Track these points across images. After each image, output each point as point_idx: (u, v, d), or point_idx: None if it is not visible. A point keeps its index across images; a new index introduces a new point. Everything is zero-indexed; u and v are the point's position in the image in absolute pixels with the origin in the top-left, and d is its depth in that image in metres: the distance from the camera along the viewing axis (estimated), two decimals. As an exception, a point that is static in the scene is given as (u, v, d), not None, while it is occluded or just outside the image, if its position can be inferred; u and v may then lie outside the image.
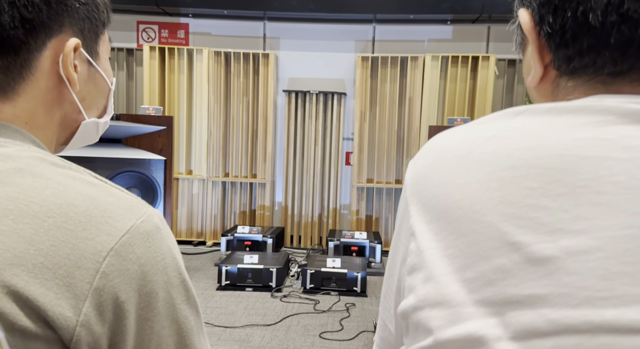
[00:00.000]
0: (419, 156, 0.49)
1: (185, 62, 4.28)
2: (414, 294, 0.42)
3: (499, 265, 0.37)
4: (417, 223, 0.43)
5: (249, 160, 4.40)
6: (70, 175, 0.45)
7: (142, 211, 0.46)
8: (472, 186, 0.40)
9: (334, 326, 2.66)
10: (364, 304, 3.01)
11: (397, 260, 0.47)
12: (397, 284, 0.48)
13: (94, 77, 0.56)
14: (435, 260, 0.40)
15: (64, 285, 0.40)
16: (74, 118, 0.55)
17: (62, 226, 0.41)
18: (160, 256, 0.45)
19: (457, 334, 0.38)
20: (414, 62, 4.21)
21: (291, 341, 2.47)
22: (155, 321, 0.45)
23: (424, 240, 0.42)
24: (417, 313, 0.41)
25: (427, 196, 0.43)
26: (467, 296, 0.38)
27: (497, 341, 0.36)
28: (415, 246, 0.42)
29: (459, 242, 0.39)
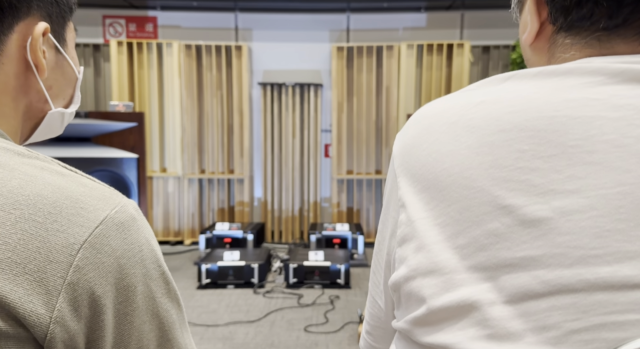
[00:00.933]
0: (406, 127, 0.48)
1: (155, 56, 4.15)
2: (405, 264, 0.41)
3: (491, 229, 0.37)
4: (406, 194, 0.43)
5: (225, 156, 4.30)
6: (37, 165, 0.43)
7: (115, 201, 0.44)
8: (462, 152, 0.40)
9: (319, 319, 2.61)
10: (348, 296, 2.97)
11: (386, 234, 0.47)
12: (386, 258, 0.47)
13: (61, 64, 0.54)
14: (426, 229, 0.40)
15: (35, 281, 0.38)
16: (39, 108, 0.53)
17: (31, 218, 0.39)
18: (137, 248, 0.44)
19: (451, 301, 0.37)
20: (389, 51, 4.18)
21: (276, 336, 2.41)
22: (135, 316, 0.44)
23: (414, 211, 0.41)
24: (409, 283, 0.40)
25: (416, 166, 0.43)
26: (459, 262, 0.38)
27: (491, 305, 0.36)
28: (405, 217, 0.42)
29: (450, 210, 0.39)
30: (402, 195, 0.43)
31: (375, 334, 0.54)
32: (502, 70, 4.28)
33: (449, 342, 0.37)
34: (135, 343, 0.45)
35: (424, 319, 0.39)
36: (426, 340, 0.39)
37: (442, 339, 0.38)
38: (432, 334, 0.39)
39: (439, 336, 0.38)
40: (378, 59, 4.23)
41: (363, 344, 0.56)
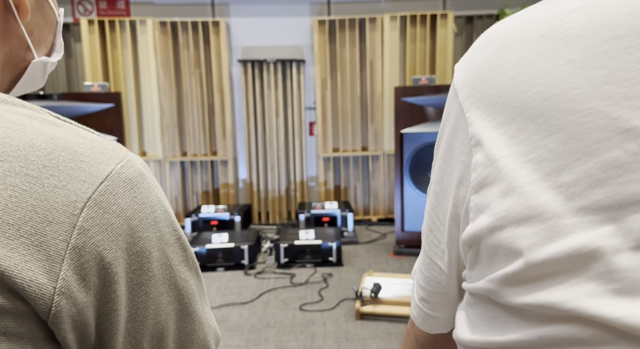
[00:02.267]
0: (474, 50, 0.40)
1: (128, 35, 3.96)
2: (487, 213, 0.35)
3: (610, 159, 0.30)
4: (482, 129, 0.36)
5: (207, 137, 4.18)
6: (24, 113, 0.37)
7: (120, 154, 0.38)
8: (561, 69, 0.33)
9: (314, 298, 2.57)
10: (341, 273, 2.94)
11: (451, 182, 0.40)
12: (452, 210, 0.40)
13: (42, 6, 0.47)
14: (515, 168, 0.33)
15: (33, 245, 0.32)
16: (20, 56, 0.46)
17: (22, 172, 0.33)
18: (149, 208, 0.38)
19: (558, 252, 0.31)
20: (372, 23, 4.08)
21: (271, 316, 2.36)
22: (151, 286, 0.38)
23: (495, 148, 0.35)
24: (495, 234, 0.34)
25: (495, 95, 0.36)
26: (564, 204, 0.31)
27: (616, 254, 0.29)
28: (483, 157, 0.35)
29: (548, 141, 0.32)
30: (475, 131, 0.36)
31: (433, 301, 0.46)
32: (486, 41, 4.23)
33: (556, 301, 0.30)
34: (153, 318, 0.39)
35: (518, 277, 0.32)
36: (521, 301, 0.32)
37: (547, 298, 0.31)
38: (530, 294, 0.32)
39: (541, 295, 0.31)
40: (361, 32, 4.12)
41: (417, 313, 0.49)
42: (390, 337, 2.11)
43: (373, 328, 2.19)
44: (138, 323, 0.38)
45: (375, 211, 4.34)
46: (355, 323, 2.25)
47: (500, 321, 0.35)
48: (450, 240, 0.41)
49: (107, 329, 0.37)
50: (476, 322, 0.38)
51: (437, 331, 0.49)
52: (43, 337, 0.33)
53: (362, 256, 3.30)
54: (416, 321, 0.49)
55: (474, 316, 0.38)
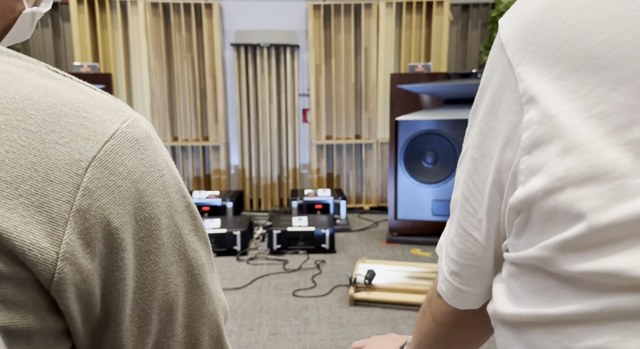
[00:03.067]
0: (522, 1, 0.36)
1: (119, 15, 3.85)
2: (543, 174, 0.32)
3: None
4: (536, 84, 0.33)
5: (199, 122, 4.11)
6: (19, 65, 0.34)
7: (126, 113, 0.35)
8: (632, 14, 0.30)
9: (307, 284, 2.56)
10: (334, 260, 2.93)
11: (494, 146, 0.37)
12: (494, 175, 0.37)
13: None
14: (576, 125, 0.31)
15: (33, 205, 0.30)
16: (10, 6, 0.43)
17: (20, 126, 0.30)
18: (157, 172, 0.36)
19: (627, 215, 0.28)
20: (367, 9, 4.03)
21: (264, 301, 2.35)
22: (160, 255, 0.36)
23: (552, 103, 0.32)
24: (552, 196, 0.31)
25: (552, 46, 0.33)
26: (634, 162, 0.29)
27: None
28: (537, 115, 0.33)
29: (616, 94, 0.30)
30: (527, 87, 0.33)
31: (465, 274, 0.44)
32: (482, 30, 4.21)
33: (624, 267, 0.28)
34: (162, 289, 0.36)
35: (579, 242, 0.30)
36: (580, 268, 0.30)
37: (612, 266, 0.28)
38: (592, 261, 0.29)
39: (605, 262, 0.29)
40: (356, 18, 4.07)
41: (446, 288, 0.46)
42: (384, 323, 2.11)
43: (367, 314, 2.19)
44: (146, 294, 0.36)
45: (368, 200, 4.34)
46: (349, 309, 2.25)
47: (551, 292, 0.33)
48: (490, 208, 0.38)
49: (113, 300, 0.34)
50: (520, 294, 0.36)
51: (467, 307, 0.47)
52: (45, 306, 0.31)
53: (355, 243, 3.29)
54: (445, 296, 0.47)
55: (517, 288, 0.36)
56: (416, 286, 2.32)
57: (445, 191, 3.11)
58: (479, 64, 4.25)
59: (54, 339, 0.32)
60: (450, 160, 3.09)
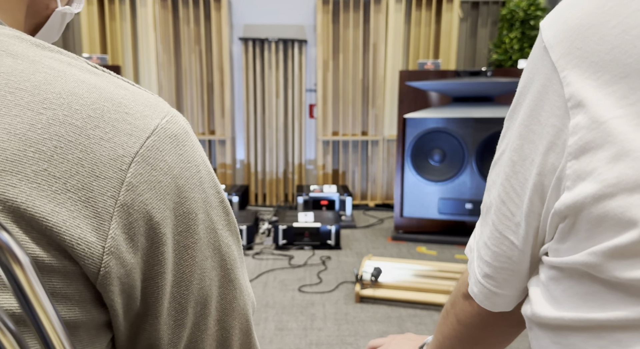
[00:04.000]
0: (568, 5, 0.36)
1: (128, 7, 3.85)
2: (592, 180, 0.32)
3: None
4: (584, 89, 0.33)
5: (205, 116, 4.11)
6: (62, 60, 0.34)
7: (164, 109, 0.36)
8: None
9: (312, 280, 2.56)
10: (340, 257, 2.93)
11: (535, 150, 0.37)
12: (536, 179, 0.36)
13: None
14: (628, 131, 0.30)
15: (80, 200, 0.30)
16: (44, 3, 0.43)
17: (67, 121, 0.31)
18: (194, 168, 0.36)
19: None
20: (377, 5, 4.01)
21: (270, 296, 2.35)
22: (197, 250, 0.37)
23: (602, 109, 0.31)
24: (602, 203, 0.31)
25: (601, 51, 0.32)
26: None
27: None
28: (586, 120, 0.32)
29: None
30: (574, 92, 0.33)
31: (500, 277, 0.43)
32: (492, 27, 4.18)
33: None
34: (198, 283, 0.37)
35: (631, 249, 0.30)
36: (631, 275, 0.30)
37: None
38: None
39: None
40: (365, 14, 4.05)
41: (478, 290, 0.46)
42: (390, 320, 2.11)
43: (373, 311, 2.19)
44: (183, 288, 0.37)
45: (373, 197, 4.33)
46: (354, 305, 2.25)
47: (597, 297, 0.32)
48: (529, 212, 0.38)
49: (152, 293, 0.35)
50: (562, 298, 0.35)
51: (499, 309, 0.47)
52: (90, 299, 0.32)
53: (360, 240, 3.29)
54: (477, 298, 0.47)
55: (559, 291, 0.35)
56: (422, 285, 2.32)
57: (452, 189, 3.10)
58: (488, 62, 4.23)
59: (97, 331, 0.33)
60: (458, 158, 3.07)
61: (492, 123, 2.96)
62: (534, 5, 3.82)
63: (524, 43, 3.87)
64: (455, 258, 2.91)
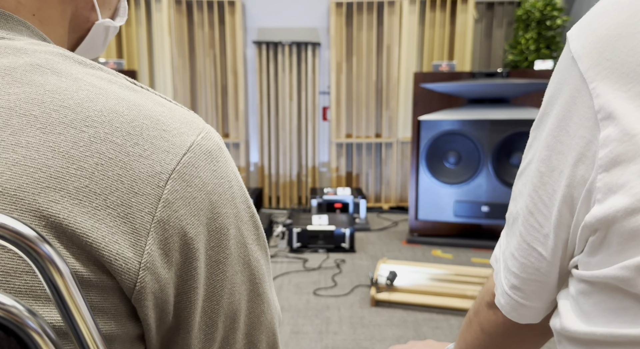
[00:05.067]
0: (596, 15, 0.35)
1: (143, 12, 3.89)
2: (624, 193, 0.31)
3: None
4: (614, 101, 0.32)
5: (220, 119, 4.14)
6: (103, 77, 0.35)
7: (199, 125, 0.37)
8: None
9: (327, 283, 2.56)
10: (354, 260, 2.92)
11: (564, 161, 0.36)
12: (565, 191, 0.36)
13: None
14: None
15: (119, 216, 0.31)
16: (85, 16, 0.45)
17: (107, 138, 0.32)
18: (227, 184, 0.37)
19: None
20: (390, 7, 3.99)
21: (285, 300, 2.35)
22: (228, 265, 0.37)
23: (633, 121, 0.31)
24: (636, 216, 0.30)
25: (632, 62, 0.32)
26: None
27: None
28: (617, 132, 0.32)
29: None
30: (604, 103, 0.32)
31: (528, 289, 0.43)
32: (507, 28, 4.14)
33: None
34: (228, 297, 0.37)
35: None
36: None
37: None
38: None
39: None
40: (379, 16, 4.04)
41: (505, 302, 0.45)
42: (406, 325, 2.09)
43: (388, 315, 2.17)
44: (214, 302, 0.37)
45: (387, 199, 4.31)
46: (370, 309, 2.24)
47: (629, 312, 0.32)
48: (559, 224, 0.37)
49: (185, 308, 0.36)
50: (592, 312, 0.34)
51: (527, 321, 0.46)
52: (125, 313, 0.32)
53: (375, 243, 3.27)
54: (504, 309, 0.46)
55: (589, 306, 0.35)
56: (439, 289, 2.29)
57: (468, 192, 3.07)
58: (504, 63, 4.18)
59: (130, 344, 0.34)
60: (473, 160, 3.04)
61: (509, 125, 2.92)
62: (550, 5, 3.77)
63: (540, 43, 3.82)
64: (472, 261, 2.88)
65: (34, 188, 0.29)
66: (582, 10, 3.86)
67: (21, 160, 0.29)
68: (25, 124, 0.30)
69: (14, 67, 0.33)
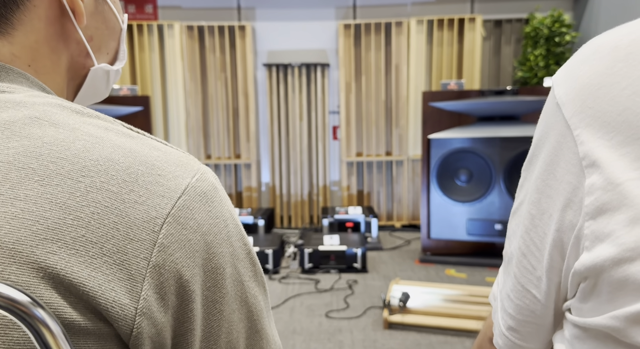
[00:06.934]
0: (578, 63, 0.36)
1: (156, 38, 4.00)
2: (611, 243, 0.31)
3: None
4: (597, 149, 0.33)
5: (231, 140, 4.19)
6: (100, 125, 0.36)
7: (194, 167, 0.37)
8: None
9: (339, 305, 2.54)
10: (366, 280, 2.90)
11: (553, 205, 0.37)
12: (554, 235, 0.36)
13: (102, 10, 0.46)
14: None
15: (115, 263, 0.32)
16: (81, 63, 0.46)
17: (103, 187, 0.32)
18: (222, 223, 0.37)
19: None
20: (398, 27, 4.04)
21: (297, 322, 2.33)
22: (225, 304, 0.37)
23: (617, 170, 0.31)
24: (622, 267, 0.30)
25: (613, 112, 0.32)
26: None
27: None
28: (601, 180, 0.32)
29: None
30: (588, 151, 0.33)
31: (524, 331, 0.43)
32: (516, 45, 4.15)
33: None
34: (225, 336, 0.38)
35: None
36: None
37: None
38: None
39: None
40: (387, 36, 4.09)
41: (503, 343, 0.45)
42: (420, 348, 2.06)
43: (402, 338, 2.15)
44: (212, 342, 0.38)
45: (399, 217, 4.29)
46: (383, 332, 2.21)
47: None
48: (550, 267, 0.37)
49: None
50: None
51: None
52: None
53: (387, 262, 3.25)
54: None
55: None
56: (453, 310, 2.26)
57: (480, 210, 3.04)
58: (514, 80, 4.18)
59: None
60: (485, 178, 3.02)
61: (520, 142, 2.91)
62: (559, 22, 3.78)
63: (549, 60, 3.82)
64: (486, 281, 2.84)
65: (32, 241, 0.30)
66: (591, 26, 3.86)
67: (20, 213, 0.30)
68: (24, 177, 0.31)
69: (14, 121, 0.34)
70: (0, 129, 0.33)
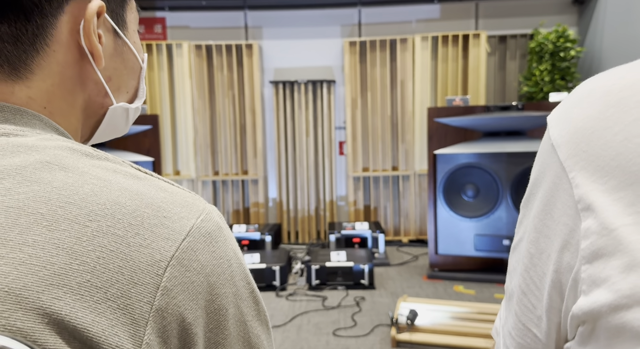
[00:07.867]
0: (571, 105, 0.37)
1: (165, 57, 4.07)
2: (607, 288, 0.31)
3: None
4: (592, 193, 0.33)
5: (238, 157, 4.23)
6: (109, 168, 0.37)
7: (200, 207, 0.38)
8: None
9: (347, 322, 2.53)
10: (374, 297, 2.88)
11: (551, 245, 0.37)
12: (553, 276, 0.36)
13: (121, 51, 0.47)
14: (638, 240, 0.30)
15: (119, 308, 0.32)
16: (99, 103, 0.46)
17: (109, 231, 0.33)
18: (226, 263, 0.37)
19: None
20: (403, 44, 4.08)
21: (304, 341, 2.32)
22: (227, 345, 0.37)
23: (611, 215, 0.31)
24: (619, 314, 0.30)
25: (606, 156, 0.33)
26: None
27: None
28: (596, 225, 0.32)
29: None
30: (583, 195, 0.33)
31: None
32: (520, 60, 4.17)
33: None
34: None
35: None
36: None
37: None
38: None
39: None
40: (392, 53, 4.13)
41: None
42: (428, 367, 2.04)
43: (410, 357, 2.13)
44: None
45: (406, 232, 4.28)
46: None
47: None
48: (550, 307, 0.38)
49: None
50: None
51: None
52: None
53: (395, 279, 3.23)
54: None
55: None
56: (461, 328, 2.24)
57: (488, 225, 3.03)
58: (519, 95, 4.19)
59: None
60: (492, 193, 3.02)
61: (526, 157, 2.91)
62: (563, 37, 3.80)
63: (554, 75, 3.83)
64: (495, 297, 2.81)
65: (38, 286, 0.30)
66: (595, 41, 3.87)
67: (27, 259, 0.31)
68: (33, 222, 0.32)
69: (25, 166, 0.34)
70: (12, 174, 0.34)
